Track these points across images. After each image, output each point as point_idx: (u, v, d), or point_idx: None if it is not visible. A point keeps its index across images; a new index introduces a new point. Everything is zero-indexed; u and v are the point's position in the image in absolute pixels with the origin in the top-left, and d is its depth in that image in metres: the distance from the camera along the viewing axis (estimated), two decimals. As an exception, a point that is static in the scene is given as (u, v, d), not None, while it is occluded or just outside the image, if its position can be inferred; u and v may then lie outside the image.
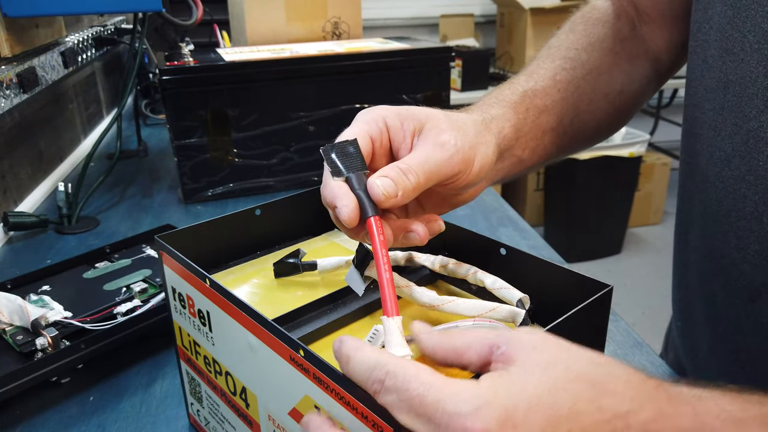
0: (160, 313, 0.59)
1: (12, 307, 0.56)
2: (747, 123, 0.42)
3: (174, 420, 0.51)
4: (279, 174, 1.01)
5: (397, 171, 0.35)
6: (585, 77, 0.54)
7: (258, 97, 0.96)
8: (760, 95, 0.40)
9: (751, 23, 0.41)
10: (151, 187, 1.06)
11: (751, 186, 0.42)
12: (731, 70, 0.43)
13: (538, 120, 0.50)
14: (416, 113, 0.39)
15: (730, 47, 0.43)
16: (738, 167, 0.43)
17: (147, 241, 0.74)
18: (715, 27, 0.44)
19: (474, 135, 0.40)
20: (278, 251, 0.51)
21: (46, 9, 0.84)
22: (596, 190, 2.62)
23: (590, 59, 0.55)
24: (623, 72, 0.56)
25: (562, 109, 0.52)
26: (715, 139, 0.45)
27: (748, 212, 0.43)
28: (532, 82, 0.52)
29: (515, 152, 0.49)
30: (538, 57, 0.56)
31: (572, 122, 0.53)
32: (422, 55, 1.04)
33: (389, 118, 0.38)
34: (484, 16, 3.08)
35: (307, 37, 1.15)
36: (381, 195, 0.34)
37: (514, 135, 0.48)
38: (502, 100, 0.50)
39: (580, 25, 0.58)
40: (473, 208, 0.94)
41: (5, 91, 0.79)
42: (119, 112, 0.94)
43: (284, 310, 0.41)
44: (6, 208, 0.90)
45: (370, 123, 0.38)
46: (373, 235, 0.33)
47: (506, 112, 0.48)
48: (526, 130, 0.49)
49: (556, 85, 0.52)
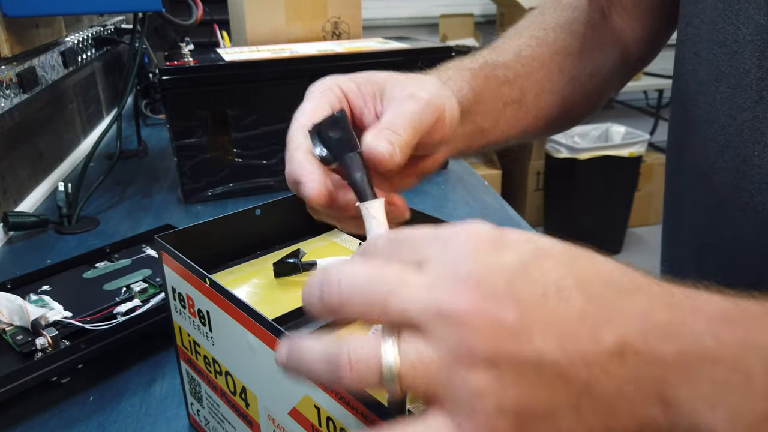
0: (160, 313, 0.59)
1: (12, 307, 0.56)
2: (741, 114, 0.42)
3: (174, 420, 0.51)
4: (279, 174, 1.00)
5: (385, 130, 0.33)
6: (552, 57, 0.53)
7: (258, 97, 0.96)
8: (754, 86, 0.41)
9: (744, 15, 0.41)
10: (151, 187, 1.06)
11: (746, 176, 0.42)
12: (724, 62, 0.43)
13: (499, 90, 0.49)
14: (370, 76, 0.38)
15: (722, 40, 0.43)
16: (732, 158, 0.43)
17: (147, 241, 0.74)
18: (707, 20, 0.44)
19: (436, 87, 0.38)
20: (278, 251, 0.51)
21: (46, 9, 0.84)
22: (596, 190, 2.62)
23: (558, 40, 0.54)
24: (592, 57, 0.56)
25: (525, 84, 0.51)
26: (708, 131, 0.45)
27: (743, 203, 0.43)
28: (494, 55, 0.51)
29: (476, 119, 0.47)
30: (505, 35, 0.55)
31: (536, 99, 0.52)
32: (422, 55, 1.03)
33: (344, 84, 0.37)
34: (484, 16, 3.08)
35: (307, 37, 1.15)
36: (385, 154, 0.32)
37: (473, 98, 0.46)
38: (460, 66, 0.48)
39: (551, 8, 0.58)
40: (473, 208, 0.94)
41: (5, 91, 0.79)
42: (119, 112, 0.94)
43: (284, 310, 0.41)
44: (6, 208, 0.90)
45: (326, 92, 0.37)
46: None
47: (464, 74, 0.47)
48: (487, 98, 0.48)
49: (520, 60, 0.51)
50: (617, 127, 2.75)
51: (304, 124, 0.35)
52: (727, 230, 0.45)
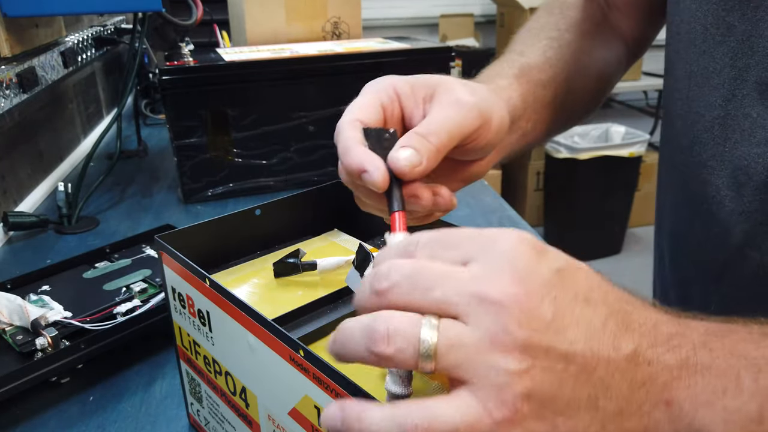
0: (160, 313, 0.59)
1: (12, 307, 0.56)
2: (711, 112, 0.43)
3: (174, 420, 0.51)
4: (279, 174, 1.01)
5: (417, 137, 0.34)
6: (572, 56, 0.54)
7: (258, 97, 0.96)
8: (726, 85, 0.42)
9: (713, 16, 0.42)
10: (151, 187, 1.06)
11: (714, 171, 0.44)
12: (694, 61, 0.44)
13: (539, 94, 0.50)
14: (426, 79, 0.38)
15: (693, 39, 0.44)
16: (700, 153, 0.45)
17: (147, 241, 0.74)
18: (684, 20, 0.46)
19: (486, 93, 0.39)
20: (278, 251, 0.51)
21: (46, 9, 0.84)
22: (596, 190, 2.62)
23: (573, 39, 0.55)
24: (600, 54, 0.57)
25: (557, 85, 0.52)
26: (682, 127, 0.47)
27: (710, 196, 0.44)
28: (525, 58, 0.52)
29: (521, 124, 0.48)
30: (521, 38, 0.56)
31: (564, 99, 0.53)
32: (422, 55, 1.03)
33: (399, 85, 0.38)
34: (484, 16, 3.08)
35: (307, 37, 1.15)
36: (405, 167, 0.33)
37: (521, 105, 0.47)
38: (504, 73, 0.49)
39: (557, 9, 0.59)
40: (473, 208, 0.94)
41: (5, 91, 0.79)
42: (119, 112, 0.94)
43: (284, 310, 0.41)
44: (6, 208, 0.90)
45: (380, 92, 0.37)
46: (395, 230, 0.32)
47: (511, 83, 0.48)
48: (530, 102, 0.49)
49: (547, 61, 0.52)
50: (617, 127, 2.75)
51: (355, 119, 0.36)
52: (696, 222, 0.47)
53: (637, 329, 0.26)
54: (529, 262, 0.25)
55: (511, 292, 0.24)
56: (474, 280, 0.25)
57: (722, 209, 0.43)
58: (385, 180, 0.33)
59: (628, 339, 0.25)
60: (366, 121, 0.35)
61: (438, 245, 0.27)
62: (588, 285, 0.26)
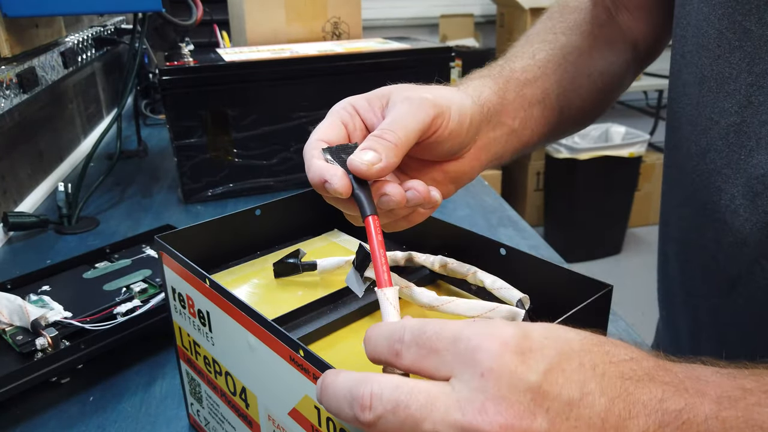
0: (160, 313, 0.59)
1: (12, 307, 0.56)
2: (726, 118, 0.42)
3: (174, 420, 0.51)
4: (279, 174, 1.01)
5: (372, 138, 0.35)
6: (565, 57, 0.54)
7: (258, 97, 0.96)
8: (742, 91, 0.41)
9: (729, 20, 0.41)
10: (151, 187, 1.06)
11: (728, 179, 0.42)
12: (706, 66, 0.43)
13: (522, 91, 0.50)
14: (381, 90, 0.40)
15: (705, 43, 0.43)
16: (713, 161, 0.43)
17: (147, 241, 0.74)
18: (692, 23, 0.45)
19: (446, 91, 0.40)
20: (278, 251, 0.51)
21: (46, 9, 0.84)
22: (596, 190, 2.62)
23: (569, 41, 0.55)
24: (603, 54, 0.56)
25: (546, 85, 0.52)
26: (692, 133, 0.46)
27: (723, 205, 0.43)
28: (510, 61, 0.52)
29: (504, 120, 0.47)
30: (517, 45, 0.56)
31: (558, 98, 0.53)
32: (422, 55, 1.04)
33: (356, 102, 0.40)
34: (484, 16, 3.08)
35: (307, 38, 1.15)
36: (362, 165, 0.34)
37: (498, 100, 0.47)
38: (478, 75, 0.50)
39: (557, 13, 0.59)
40: (473, 208, 0.94)
41: (5, 91, 0.79)
42: (119, 112, 0.94)
43: (284, 310, 0.41)
44: (6, 208, 0.90)
45: (339, 111, 0.40)
46: (371, 235, 0.33)
47: (484, 81, 0.48)
48: (511, 98, 0.48)
49: (536, 63, 0.52)
50: (617, 127, 2.75)
51: (317, 139, 0.38)
52: (708, 230, 0.45)
53: (641, 411, 0.25)
54: (512, 375, 0.24)
55: (500, 422, 0.23)
56: (460, 408, 0.24)
57: (736, 219, 0.42)
58: (345, 185, 0.34)
59: (634, 426, 0.24)
60: (329, 139, 0.37)
61: (423, 350, 0.26)
62: (581, 377, 0.25)
